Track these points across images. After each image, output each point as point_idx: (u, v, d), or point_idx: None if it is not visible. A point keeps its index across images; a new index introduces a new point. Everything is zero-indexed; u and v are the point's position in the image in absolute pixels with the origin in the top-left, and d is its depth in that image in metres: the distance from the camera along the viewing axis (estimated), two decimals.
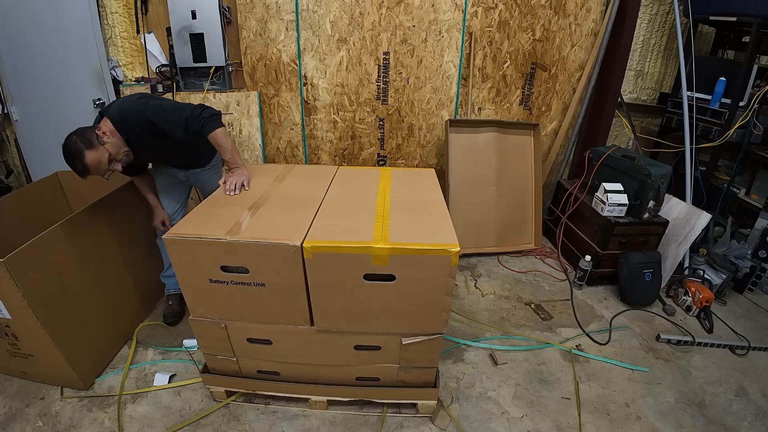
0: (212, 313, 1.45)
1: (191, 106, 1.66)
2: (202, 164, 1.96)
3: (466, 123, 2.72)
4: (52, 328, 1.52)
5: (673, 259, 2.41)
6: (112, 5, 2.51)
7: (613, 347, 2.04)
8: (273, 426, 1.58)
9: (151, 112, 1.60)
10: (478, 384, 1.79)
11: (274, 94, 2.71)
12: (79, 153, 1.49)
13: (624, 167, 2.45)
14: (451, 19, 2.57)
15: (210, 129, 1.65)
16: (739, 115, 2.52)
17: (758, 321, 2.27)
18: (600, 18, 2.71)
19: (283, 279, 1.31)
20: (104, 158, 1.54)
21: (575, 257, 2.62)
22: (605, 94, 2.82)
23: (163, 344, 1.97)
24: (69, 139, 1.51)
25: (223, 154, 1.71)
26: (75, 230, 1.67)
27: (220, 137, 1.67)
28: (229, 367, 1.60)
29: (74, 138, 1.51)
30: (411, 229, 1.33)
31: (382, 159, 2.95)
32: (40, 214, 2.02)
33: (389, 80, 2.70)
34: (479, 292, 2.44)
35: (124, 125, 1.59)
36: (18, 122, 2.71)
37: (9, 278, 1.36)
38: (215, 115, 1.68)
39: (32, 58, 2.54)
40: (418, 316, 1.38)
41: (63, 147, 1.50)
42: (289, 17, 2.51)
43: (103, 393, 1.70)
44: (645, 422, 1.65)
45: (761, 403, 1.76)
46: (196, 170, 1.96)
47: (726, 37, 2.84)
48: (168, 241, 1.28)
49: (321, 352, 1.50)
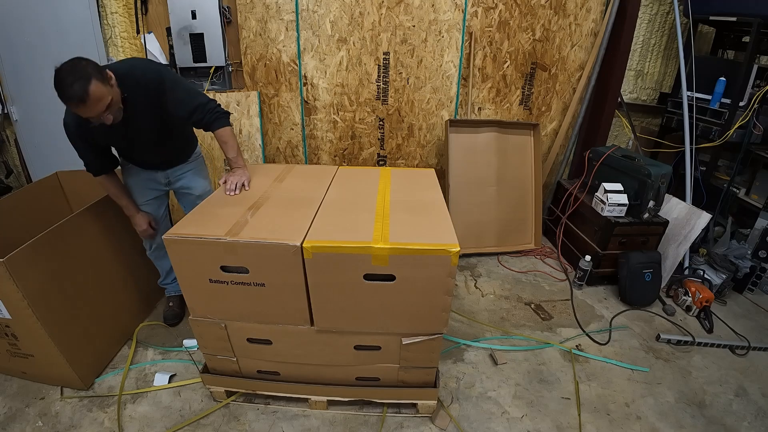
0: (212, 313, 1.45)
1: (205, 96, 1.62)
2: (183, 159, 1.83)
3: (466, 123, 2.72)
4: (52, 328, 1.52)
5: (673, 259, 2.41)
6: (112, 5, 2.51)
7: (613, 347, 2.04)
8: (273, 426, 1.58)
9: (168, 78, 1.52)
10: (478, 384, 1.79)
11: (274, 94, 2.71)
12: (86, 76, 1.27)
13: (624, 167, 2.45)
14: (451, 19, 2.57)
15: (221, 125, 1.63)
16: (739, 115, 2.52)
17: (758, 321, 2.27)
18: (600, 18, 2.71)
19: (283, 279, 1.31)
20: (107, 98, 1.33)
21: (575, 257, 2.62)
22: (605, 94, 2.82)
23: (163, 344, 1.97)
24: (77, 59, 1.30)
25: (229, 152, 1.68)
26: (75, 230, 1.67)
27: (229, 135, 1.66)
28: (229, 367, 1.60)
29: (85, 61, 1.30)
30: (411, 229, 1.33)
31: (382, 159, 2.95)
32: (40, 214, 2.02)
33: (389, 80, 2.70)
34: (479, 292, 2.44)
35: (131, 82, 1.44)
36: (18, 122, 2.71)
37: (9, 278, 1.36)
38: (227, 113, 1.67)
39: (32, 58, 2.53)
40: (418, 316, 1.38)
41: (63, 66, 1.28)
42: (289, 17, 2.51)
43: (103, 393, 1.70)
44: (645, 422, 1.65)
45: (761, 403, 1.76)
46: (177, 168, 1.82)
47: (726, 37, 2.84)
48: (168, 241, 1.28)
49: (321, 352, 1.50)
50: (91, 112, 1.32)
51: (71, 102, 1.29)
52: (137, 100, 1.48)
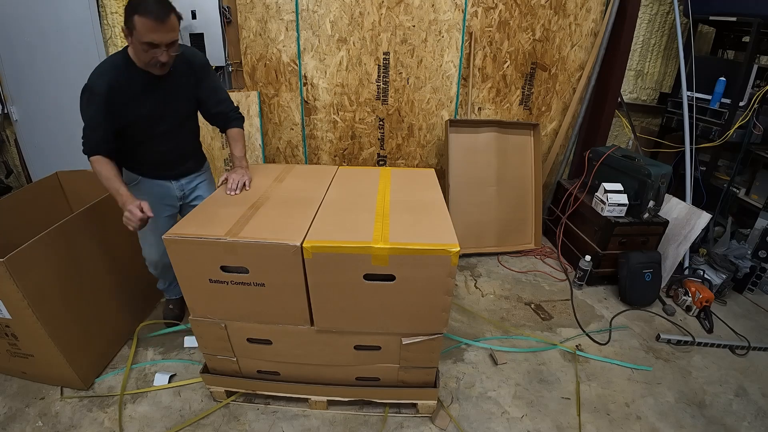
0: (212, 313, 1.45)
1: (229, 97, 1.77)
2: (197, 168, 1.85)
3: (466, 123, 2.72)
4: (52, 329, 1.52)
5: (673, 259, 2.41)
6: (112, 5, 2.51)
7: (613, 347, 2.04)
8: (273, 426, 1.58)
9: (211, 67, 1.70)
10: (478, 384, 1.79)
11: (274, 94, 2.71)
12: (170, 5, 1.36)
13: (624, 167, 2.45)
14: (451, 19, 2.57)
15: (237, 125, 1.78)
16: (739, 115, 2.52)
17: (758, 321, 2.27)
18: (600, 18, 2.71)
19: (283, 279, 1.31)
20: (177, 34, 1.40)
21: (575, 257, 2.62)
22: (605, 94, 2.82)
23: (163, 344, 1.97)
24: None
25: (238, 150, 1.76)
26: (75, 231, 1.67)
27: (242, 135, 1.79)
28: (229, 367, 1.60)
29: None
30: (411, 229, 1.33)
31: (382, 159, 2.95)
32: (41, 215, 2.02)
33: (389, 80, 2.70)
34: (479, 292, 2.44)
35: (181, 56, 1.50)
36: (18, 122, 2.71)
37: (9, 278, 1.36)
38: (243, 117, 1.83)
39: (32, 58, 2.54)
40: (418, 316, 1.38)
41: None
42: (289, 17, 2.51)
43: (103, 393, 1.70)
44: (645, 422, 1.65)
45: (761, 403, 1.76)
46: (191, 178, 1.81)
47: (726, 37, 2.84)
48: (168, 242, 1.28)
49: (321, 352, 1.50)
50: (163, 36, 1.35)
51: (154, 18, 1.31)
52: (181, 73, 1.57)
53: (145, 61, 1.42)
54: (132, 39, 1.37)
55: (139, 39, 1.34)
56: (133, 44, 1.39)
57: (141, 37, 1.34)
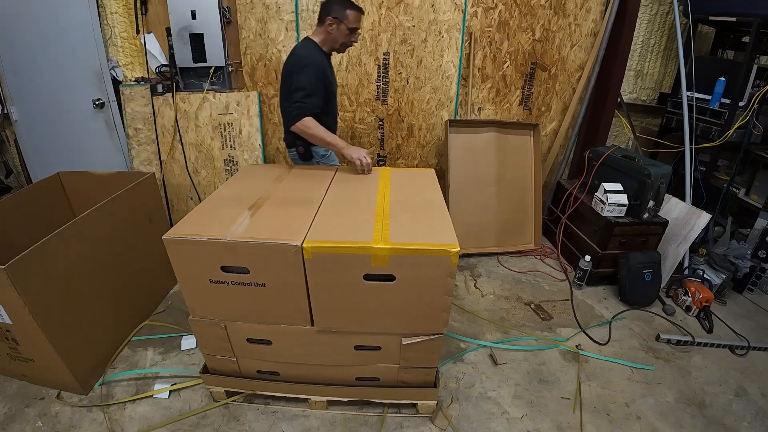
0: (212, 314, 1.45)
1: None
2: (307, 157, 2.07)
3: (465, 123, 2.72)
4: (52, 334, 1.51)
5: (672, 259, 2.41)
6: (112, 5, 2.51)
7: (613, 347, 2.04)
8: (273, 426, 1.58)
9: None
10: (478, 384, 1.79)
11: (274, 95, 2.71)
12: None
13: (624, 167, 2.45)
14: (450, 20, 2.57)
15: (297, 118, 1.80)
16: (738, 115, 2.52)
17: (758, 321, 2.27)
18: (600, 18, 2.71)
19: (283, 279, 1.31)
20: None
21: (575, 257, 2.62)
22: (605, 94, 2.82)
23: (162, 344, 1.96)
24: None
25: (316, 142, 1.86)
26: (75, 236, 1.66)
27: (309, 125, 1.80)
28: (228, 367, 1.60)
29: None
30: (411, 230, 1.33)
31: (381, 159, 2.95)
32: (42, 215, 2.02)
33: (389, 80, 2.70)
34: (479, 292, 2.44)
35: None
36: (18, 122, 2.71)
37: (10, 284, 1.35)
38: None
39: (32, 58, 2.53)
40: (418, 316, 1.38)
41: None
42: (289, 17, 2.51)
43: (103, 394, 1.70)
44: (645, 422, 1.65)
45: (761, 403, 1.76)
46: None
47: (726, 37, 2.85)
48: (168, 242, 1.28)
49: (321, 352, 1.50)
50: (361, 24, 1.87)
51: (360, 11, 1.82)
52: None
53: (344, 42, 1.86)
54: (338, 26, 1.79)
55: (347, 25, 1.79)
56: (336, 30, 1.80)
57: (350, 23, 1.79)
